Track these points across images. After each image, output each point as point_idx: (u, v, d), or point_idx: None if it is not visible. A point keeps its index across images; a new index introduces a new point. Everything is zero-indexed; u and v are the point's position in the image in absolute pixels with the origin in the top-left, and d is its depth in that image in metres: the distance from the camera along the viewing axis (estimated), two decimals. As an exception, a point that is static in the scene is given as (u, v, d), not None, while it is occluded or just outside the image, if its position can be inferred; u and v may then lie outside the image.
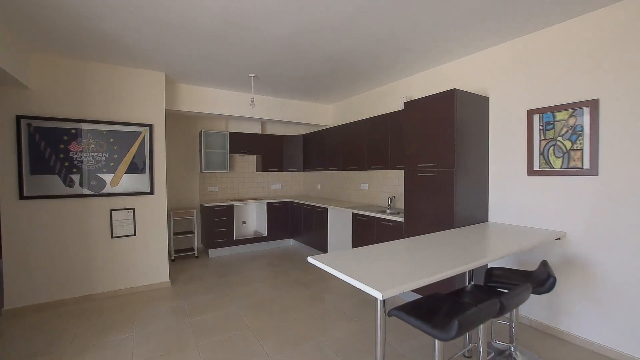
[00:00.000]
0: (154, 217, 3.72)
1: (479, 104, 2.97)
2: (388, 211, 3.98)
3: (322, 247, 4.75)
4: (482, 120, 3.00)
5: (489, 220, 3.04)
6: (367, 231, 3.78)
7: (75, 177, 3.32)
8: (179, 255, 5.00)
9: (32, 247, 3.17)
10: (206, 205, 4.92)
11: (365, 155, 4.21)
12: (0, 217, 3.05)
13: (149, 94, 3.66)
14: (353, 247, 4.04)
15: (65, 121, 3.24)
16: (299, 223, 5.46)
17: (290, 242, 5.83)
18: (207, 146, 5.26)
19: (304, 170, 5.84)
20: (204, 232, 4.95)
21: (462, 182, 2.77)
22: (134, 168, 3.59)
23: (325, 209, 4.64)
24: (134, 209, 3.61)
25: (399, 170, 4.05)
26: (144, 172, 3.64)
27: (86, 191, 3.36)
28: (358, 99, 4.90)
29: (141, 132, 3.60)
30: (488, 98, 3.05)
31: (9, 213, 3.09)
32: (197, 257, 5.03)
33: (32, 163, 3.14)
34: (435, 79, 3.59)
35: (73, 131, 3.28)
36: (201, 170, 5.21)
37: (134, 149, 3.57)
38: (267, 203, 5.47)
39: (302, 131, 6.46)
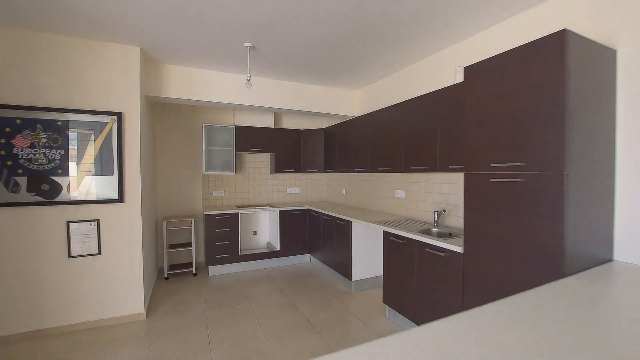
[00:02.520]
0: (124, 231, 2.91)
1: (602, 63, 1.76)
2: (434, 230, 2.83)
3: (344, 269, 3.70)
4: (606, 90, 1.77)
5: (614, 258, 1.80)
6: (405, 258, 2.66)
7: (21, 180, 2.58)
8: (175, 273, 4.21)
9: (-34, 269, 2.48)
10: (207, 213, 4.08)
11: (402, 152, 3.09)
12: None
13: (119, 75, 2.86)
14: (384, 276, 2.94)
15: (8, 108, 2.52)
16: (318, 236, 4.44)
17: (307, 259, 4.84)
18: (209, 142, 4.43)
19: (325, 172, 4.83)
20: (206, 244, 4.14)
21: (577, 193, 1.58)
22: (98, 169, 2.80)
23: (349, 223, 3.58)
24: (98, 220, 2.82)
25: (454, 173, 2.88)
26: (111, 174, 2.84)
27: (36, 198, 2.62)
28: (392, 81, 3.78)
29: (107, 123, 2.81)
30: (615, 52, 1.82)
31: None
32: (195, 274, 4.21)
33: (-35, 162, 2.44)
34: (515, 32, 2.39)
35: (18, 121, 2.55)
36: (203, 172, 4.39)
37: (97, 144, 2.78)
38: (281, 211, 4.52)
39: (323, 124, 5.44)
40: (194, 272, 4.19)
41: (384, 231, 2.92)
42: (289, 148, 4.87)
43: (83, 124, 2.73)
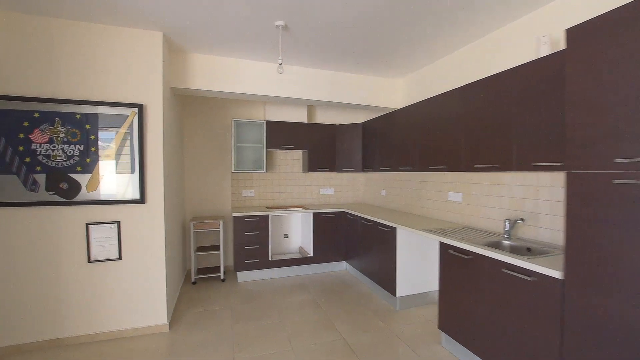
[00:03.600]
0: (146, 235, 2.65)
1: None
2: (506, 242, 2.28)
3: (387, 283, 3.22)
4: None
5: None
6: (470, 278, 2.15)
7: (40, 178, 2.40)
8: (202, 277, 3.96)
9: (-15, 272, 2.33)
10: (236, 215, 3.79)
11: (462, 147, 2.55)
12: (-56, 230, 2.26)
13: (140, 63, 2.60)
14: (441, 296, 2.44)
15: (27, 101, 2.34)
16: (355, 242, 4.00)
17: (343, 267, 4.40)
18: (238, 139, 4.14)
19: (363, 171, 4.36)
20: (235, 247, 3.85)
21: None
22: (118, 166, 2.56)
23: (393, 230, 3.09)
24: (118, 222, 2.58)
25: (533, 173, 2.31)
26: (132, 172, 2.59)
27: (55, 197, 2.43)
28: (444, 66, 3.24)
29: (127, 116, 2.56)
30: None
31: (-46, 226, 2.28)
32: (223, 280, 3.94)
33: (-17, 158, 2.29)
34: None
35: (36, 115, 2.37)
36: (232, 170, 4.11)
37: (117, 140, 2.55)
38: (314, 214, 4.13)
39: (360, 118, 4.97)
40: (221, 277, 3.92)
41: (440, 243, 2.41)
42: (323, 145, 4.47)
43: (102, 118, 2.50)
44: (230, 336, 2.62)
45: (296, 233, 4.64)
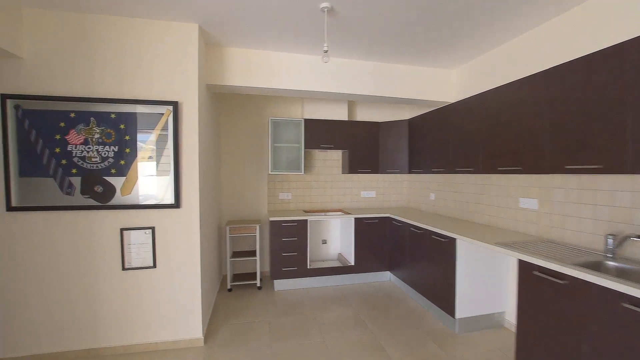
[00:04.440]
0: (180, 242, 2.48)
1: None
2: (611, 264, 1.80)
3: (444, 301, 2.81)
4: None
5: None
6: (566, 309, 1.70)
7: (75, 181, 2.30)
8: (238, 284, 3.78)
9: (23, 277, 2.27)
10: (272, 219, 3.56)
11: (547, 144, 2.09)
12: (-14, 234, 2.23)
13: (175, 58, 2.43)
14: (520, 325, 2.00)
15: (63, 100, 2.25)
16: (402, 251, 3.60)
17: (387, 277, 4.02)
18: (275, 139, 3.92)
19: (410, 173, 3.95)
20: (271, 254, 3.63)
21: None
22: (153, 168, 2.41)
23: (452, 241, 2.68)
24: (153, 228, 2.43)
25: (643, 175, 1.80)
26: (167, 175, 2.43)
27: (89, 201, 2.32)
28: (510, 50, 2.75)
29: (162, 115, 2.40)
30: None
31: (-5, 230, 2.24)
32: (259, 288, 3.72)
33: (22, 161, 2.23)
34: None
35: (72, 115, 2.27)
36: (269, 172, 3.89)
37: (152, 140, 2.39)
38: (356, 219, 3.79)
39: (404, 114, 4.55)
40: (258, 284, 3.71)
41: (520, 261, 1.97)
42: (365, 144, 4.12)
43: (137, 117, 2.36)
44: (269, 356, 2.37)
45: (335, 239, 4.33)
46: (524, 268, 1.95)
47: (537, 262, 1.85)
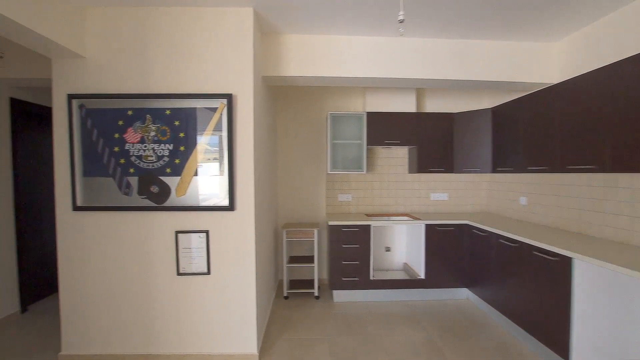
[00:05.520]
0: (234, 247, 2.27)
1: None
2: None
3: (551, 337, 2.18)
4: None
5: None
6: None
7: (133, 181, 2.23)
8: (295, 292, 3.52)
9: (89, 276, 2.27)
10: (332, 223, 3.23)
11: None
12: (56, 235, 2.26)
13: (229, 47, 2.23)
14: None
15: (121, 98, 2.19)
16: (485, 266, 2.99)
17: (464, 295, 3.42)
18: (335, 135, 3.58)
19: (495, 172, 3.29)
20: (330, 262, 3.32)
21: None
22: (206, 168, 2.24)
23: (566, 261, 2.05)
24: (207, 232, 2.26)
25: None
26: (221, 175, 2.23)
27: (146, 202, 2.23)
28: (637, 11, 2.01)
29: (216, 110, 2.21)
30: None
31: (64, 231, 2.26)
32: (317, 297, 3.42)
33: (85, 161, 2.22)
34: None
35: (130, 112, 2.20)
36: (327, 171, 3.57)
37: (206, 137, 2.22)
38: (427, 226, 3.28)
39: (484, 102, 3.86)
40: (316, 294, 3.42)
41: None
42: (436, 139, 3.56)
43: (190, 112, 2.20)
44: (330, 386, 2.03)
45: (400, 246, 3.85)
46: None
47: None
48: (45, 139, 3.25)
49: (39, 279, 3.25)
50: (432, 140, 3.55)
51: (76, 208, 2.22)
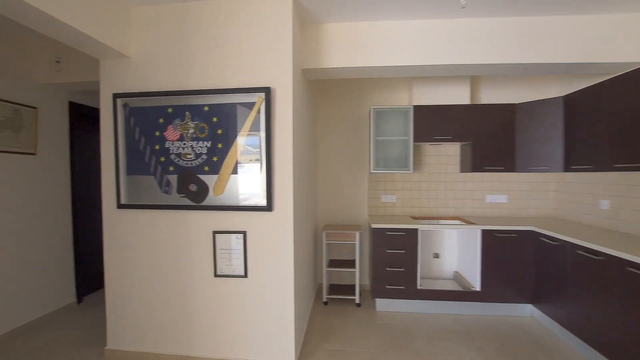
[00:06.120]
0: (272, 250, 2.15)
1: None
2: None
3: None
4: None
5: None
6: None
7: (172, 179, 2.20)
8: (334, 298, 3.33)
9: (131, 273, 2.29)
10: (375, 226, 3.00)
11: None
12: (103, 233, 2.31)
13: (267, 38, 2.10)
14: None
15: (163, 96, 2.17)
16: (556, 280, 2.57)
17: (527, 312, 2.98)
18: (378, 132, 3.34)
19: (567, 170, 2.83)
20: (372, 267, 3.09)
21: None
22: (243, 166, 2.13)
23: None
24: (244, 233, 2.16)
25: None
26: (258, 173, 2.12)
27: (185, 201, 2.19)
28: None
29: (254, 104, 2.10)
30: None
31: (109, 228, 2.30)
32: (358, 305, 3.21)
33: (129, 159, 2.24)
34: None
35: (170, 110, 2.17)
36: (370, 170, 3.33)
37: (244, 133, 2.12)
38: (484, 231, 2.91)
39: (551, 91, 3.36)
40: (357, 301, 3.20)
41: None
42: (494, 134, 3.16)
43: (228, 108, 2.12)
44: (375, 410, 1.81)
45: (450, 253, 3.49)
46: None
47: None
48: (97, 139, 3.40)
49: (93, 271, 3.42)
50: (489, 135, 3.16)
51: (120, 206, 2.25)
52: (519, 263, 2.89)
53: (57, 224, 3.04)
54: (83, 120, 3.33)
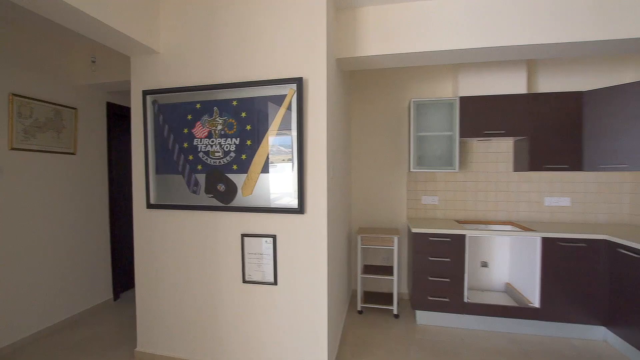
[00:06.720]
0: (304, 256, 1.97)
1: None
2: None
3: None
4: None
5: None
6: None
7: (200, 178, 2.10)
8: (370, 307, 3.10)
9: (159, 275, 2.23)
10: (416, 230, 2.73)
11: None
12: (133, 234, 2.27)
13: (299, 25, 1.93)
14: None
15: (191, 91, 2.07)
16: (638, 299, 2.14)
17: (600, 335, 2.55)
18: (419, 127, 3.05)
19: (651, 169, 2.37)
20: (413, 276, 2.82)
21: None
22: (273, 164, 1.98)
23: None
24: (274, 236, 2.00)
25: None
26: (290, 172, 1.95)
27: (213, 201, 2.08)
28: None
29: (285, 97, 1.93)
30: None
31: (139, 228, 2.26)
32: (397, 316, 2.95)
33: (158, 158, 2.17)
34: None
35: (198, 105, 2.07)
36: (410, 169, 3.06)
37: (274, 128, 1.96)
38: (544, 239, 2.53)
39: (625, 76, 2.87)
40: (395, 312, 2.94)
41: None
42: (556, 127, 2.75)
43: (258, 102, 1.97)
44: None
45: (500, 262, 3.11)
46: None
47: None
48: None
49: (128, 269, 3.47)
50: (550, 128, 2.76)
51: (149, 206, 2.19)
52: (589, 277, 2.47)
53: (96, 221, 3.10)
54: (120, 120, 3.39)
